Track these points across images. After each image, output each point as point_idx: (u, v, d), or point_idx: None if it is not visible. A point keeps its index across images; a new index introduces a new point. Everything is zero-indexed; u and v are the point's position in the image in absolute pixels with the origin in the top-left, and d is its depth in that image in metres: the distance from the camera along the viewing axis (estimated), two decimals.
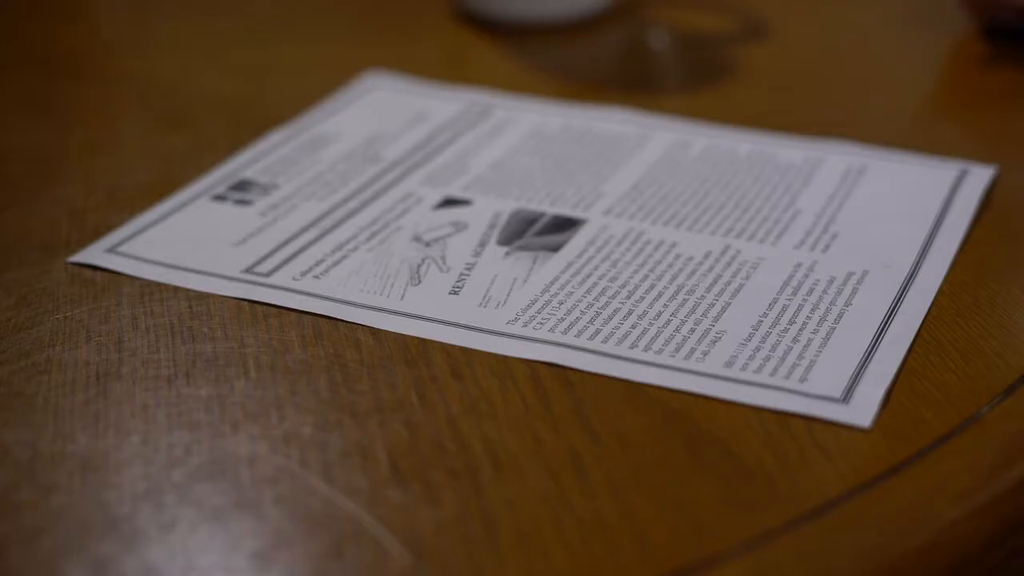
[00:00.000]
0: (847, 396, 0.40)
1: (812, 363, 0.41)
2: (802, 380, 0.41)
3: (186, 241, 0.48)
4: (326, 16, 0.71)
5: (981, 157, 0.54)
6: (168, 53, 0.66)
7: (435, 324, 0.44)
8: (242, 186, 0.52)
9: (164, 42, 0.68)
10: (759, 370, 0.41)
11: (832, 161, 0.53)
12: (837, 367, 0.41)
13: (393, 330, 0.43)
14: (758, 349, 0.42)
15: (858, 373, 0.41)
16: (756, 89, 0.61)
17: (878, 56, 0.65)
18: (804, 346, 0.42)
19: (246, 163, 0.54)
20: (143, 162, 0.55)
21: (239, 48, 0.67)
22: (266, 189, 0.52)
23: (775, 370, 0.41)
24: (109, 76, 0.64)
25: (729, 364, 0.41)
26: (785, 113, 0.58)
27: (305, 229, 0.49)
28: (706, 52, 0.65)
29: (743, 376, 0.41)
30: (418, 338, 0.43)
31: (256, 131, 0.57)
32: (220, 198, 0.51)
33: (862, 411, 0.39)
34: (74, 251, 0.48)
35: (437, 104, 0.59)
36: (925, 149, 0.55)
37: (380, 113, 0.58)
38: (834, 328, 0.43)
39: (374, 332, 0.43)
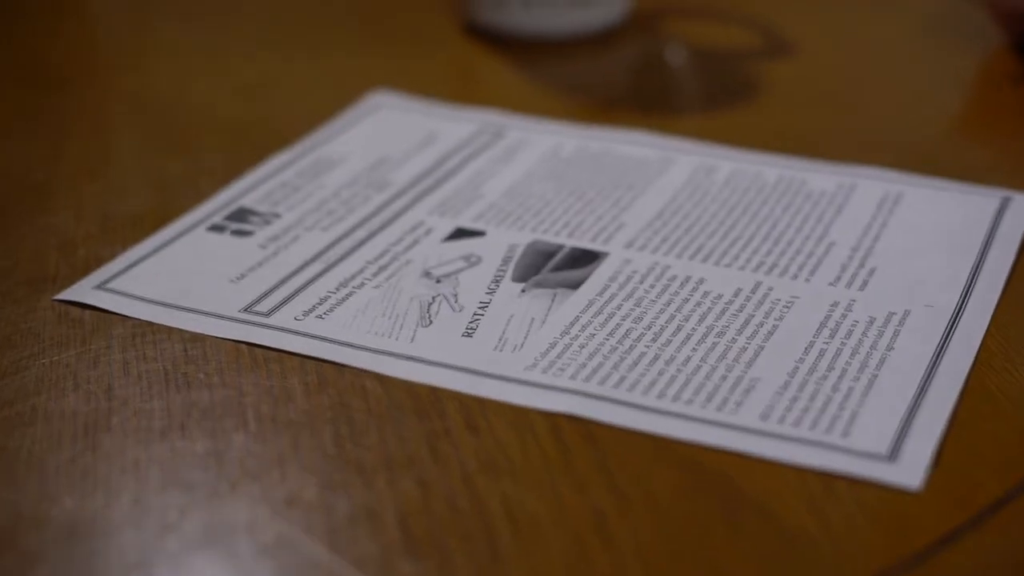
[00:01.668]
0: (894, 453, 0.37)
1: (854, 415, 0.38)
2: (844, 435, 0.38)
3: (181, 277, 0.45)
4: (329, 29, 0.68)
5: (1018, 183, 0.51)
6: (164, 67, 0.63)
7: (447, 370, 0.41)
8: (240, 215, 0.49)
9: (161, 55, 0.65)
10: (797, 423, 0.38)
11: (865, 188, 0.50)
12: (881, 420, 0.38)
13: (402, 376, 0.40)
14: (795, 399, 0.39)
15: (904, 427, 0.38)
16: (779, 108, 0.58)
17: (906, 73, 0.62)
18: (845, 396, 0.39)
19: (245, 190, 0.51)
20: (136, 188, 0.52)
21: (239, 62, 0.64)
22: (266, 219, 0.49)
23: (815, 423, 0.38)
24: (102, 91, 0.61)
25: (765, 416, 0.38)
26: (811, 134, 0.56)
27: (308, 263, 0.46)
28: (726, 69, 0.62)
29: (780, 430, 0.38)
30: (429, 386, 0.40)
31: (255, 153, 0.54)
32: (217, 228, 0.48)
33: (911, 470, 0.36)
34: (62, 287, 0.45)
35: (447, 125, 0.56)
36: (960, 173, 0.52)
37: (387, 135, 0.55)
38: (876, 375, 0.40)
39: (382, 379, 0.40)
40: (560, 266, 0.46)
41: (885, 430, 0.38)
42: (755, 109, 0.58)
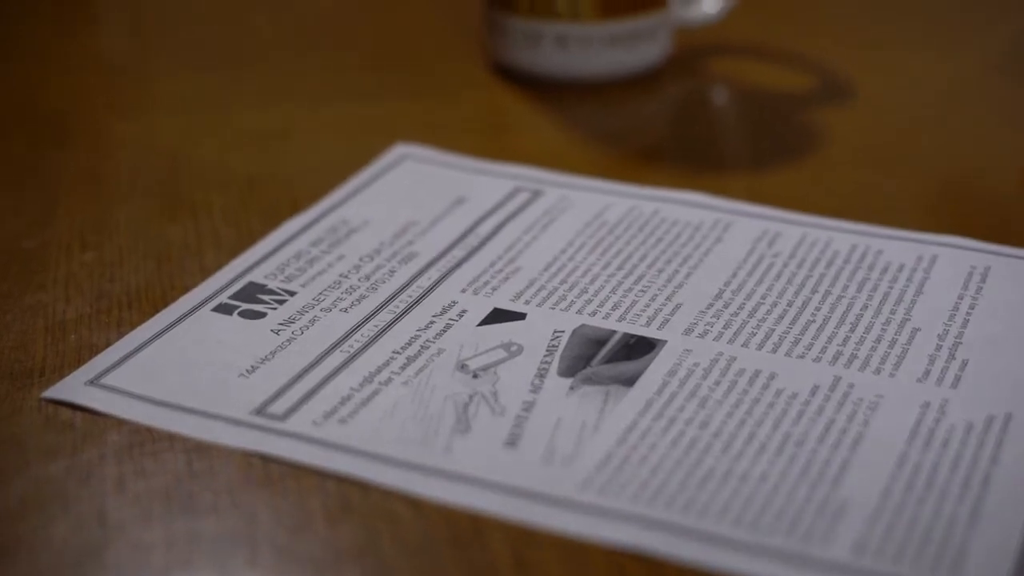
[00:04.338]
0: None
1: (963, 547, 0.33)
2: (953, 574, 0.32)
3: (184, 369, 0.40)
4: (348, 75, 0.62)
5: None
6: (169, 118, 0.58)
7: (490, 492, 0.35)
8: (250, 293, 0.44)
9: (166, 104, 0.59)
10: (898, 558, 0.33)
11: (947, 260, 0.45)
12: (994, 554, 0.33)
13: (438, 498, 0.35)
14: (892, 527, 0.34)
15: (1021, 562, 0.33)
16: (841, 163, 0.53)
17: (982, 120, 0.56)
18: (948, 522, 0.34)
19: (255, 261, 0.46)
20: (134, 258, 0.47)
21: (249, 113, 0.58)
22: (279, 297, 0.44)
23: (917, 557, 0.33)
24: (101, 145, 0.55)
25: (859, 550, 0.33)
26: (879, 194, 0.50)
27: (326, 353, 0.41)
28: (779, 115, 0.57)
29: (879, 568, 0.33)
30: (469, 510, 0.35)
31: (266, 216, 0.49)
32: (224, 309, 0.43)
33: None
34: (50, 381, 0.40)
35: (478, 182, 0.51)
36: None
37: (412, 194, 0.50)
38: (982, 496, 0.35)
39: (414, 502, 0.35)
40: (612, 356, 0.41)
41: (998, 568, 0.33)
42: (814, 163, 0.53)
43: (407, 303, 0.43)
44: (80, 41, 0.66)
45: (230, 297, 0.44)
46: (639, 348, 0.41)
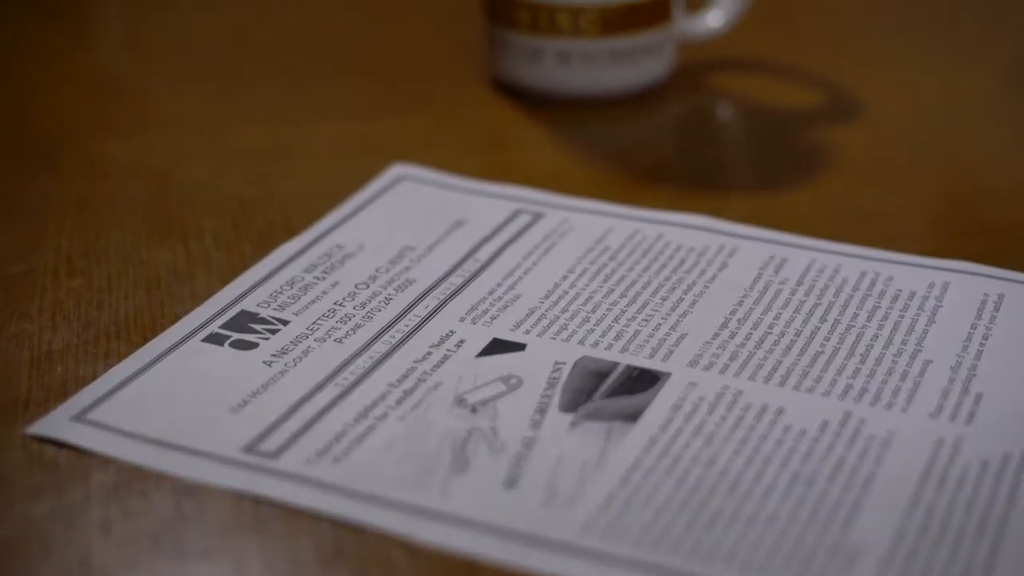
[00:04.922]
0: None
1: None
2: None
3: (172, 404, 0.39)
4: (344, 92, 0.61)
5: None
6: (161, 136, 0.56)
7: (488, 535, 0.34)
8: (241, 322, 0.43)
9: (157, 122, 0.58)
10: None
11: (959, 287, 0.44)
12: None
13: (435, 542, 0.34)
14: (905, 572, 0.33)
15: None
16: (849, 183, 0.51)
17: (993, 138, 0.55)
18: (964, 567, 0.33)
19: (247, 288, 0.45)
20: (123, 284, 0.45)
21: (243, 129, 0.57)
22: (271, 327, 0.43)
23: None
24: (91, 164, 0.54)
25: None
26: (889, 217, 0.49)
27: (321, 386, 0.40)
28: (786, 134, 0.55)
29: None
30: (466, 555, 0.34)
31: (259, 241, 0.48)
32: (215, 339, 0.42)
33: None
34: (35, 415, 0.39)
35: (477, 205, 0.50)
36: None
37: (409, 217, 0.49)
38: (999, 541, 0.34)
39: (410, 546, 0.34)
40: (614, 390, 0.39)
41: None
42: (822, 183, 0.51)
43: (403, 333, 0.42)
44: (71, 58, 0.65)
45: (221, 327, 0.43)
46: (642, 381, 0.40)
